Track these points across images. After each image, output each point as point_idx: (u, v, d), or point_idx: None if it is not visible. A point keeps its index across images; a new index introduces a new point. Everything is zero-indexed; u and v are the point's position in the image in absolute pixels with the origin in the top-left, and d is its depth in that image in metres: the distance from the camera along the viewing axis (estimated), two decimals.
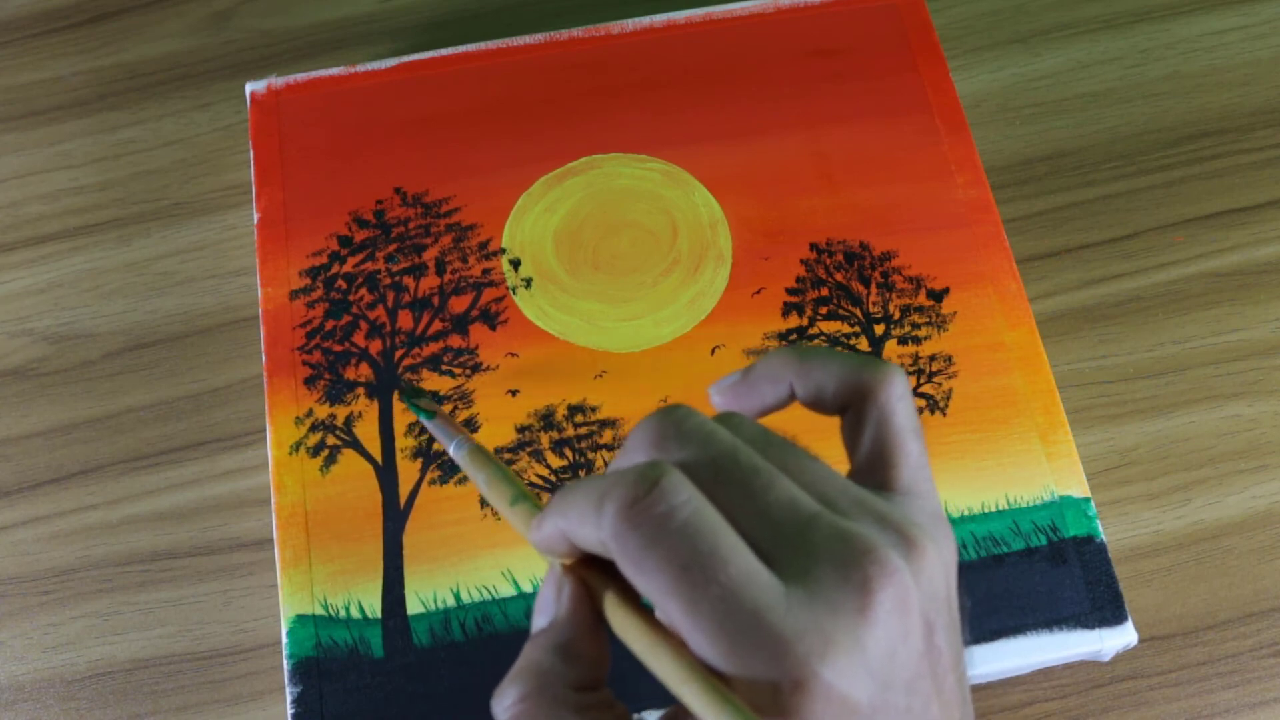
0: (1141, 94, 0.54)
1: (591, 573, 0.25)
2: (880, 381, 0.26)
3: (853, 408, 0.27)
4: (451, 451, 0.35)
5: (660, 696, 0.22)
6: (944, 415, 0.44)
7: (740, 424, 0.25)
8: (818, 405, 0.27)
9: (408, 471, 0.43)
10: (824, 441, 0.28)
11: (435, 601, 0.41)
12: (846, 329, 0.46)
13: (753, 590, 0.22)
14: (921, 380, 0.45)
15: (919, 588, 0.23)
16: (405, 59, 0.52)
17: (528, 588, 0.41)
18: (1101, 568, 0.41)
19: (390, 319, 0.46)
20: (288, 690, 0.40)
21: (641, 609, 0.24)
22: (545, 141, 0.50)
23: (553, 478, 0.43)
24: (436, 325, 0.46)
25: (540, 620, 0.25)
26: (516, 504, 0.29)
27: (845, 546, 0.22)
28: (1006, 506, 0.42)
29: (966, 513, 0.42)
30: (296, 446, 0.44)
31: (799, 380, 0.27)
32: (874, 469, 0.26)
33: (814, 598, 0.22)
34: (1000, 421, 0.44)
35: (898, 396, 0.26)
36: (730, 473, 0.23)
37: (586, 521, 0.23)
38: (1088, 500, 0.42)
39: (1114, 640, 0.40)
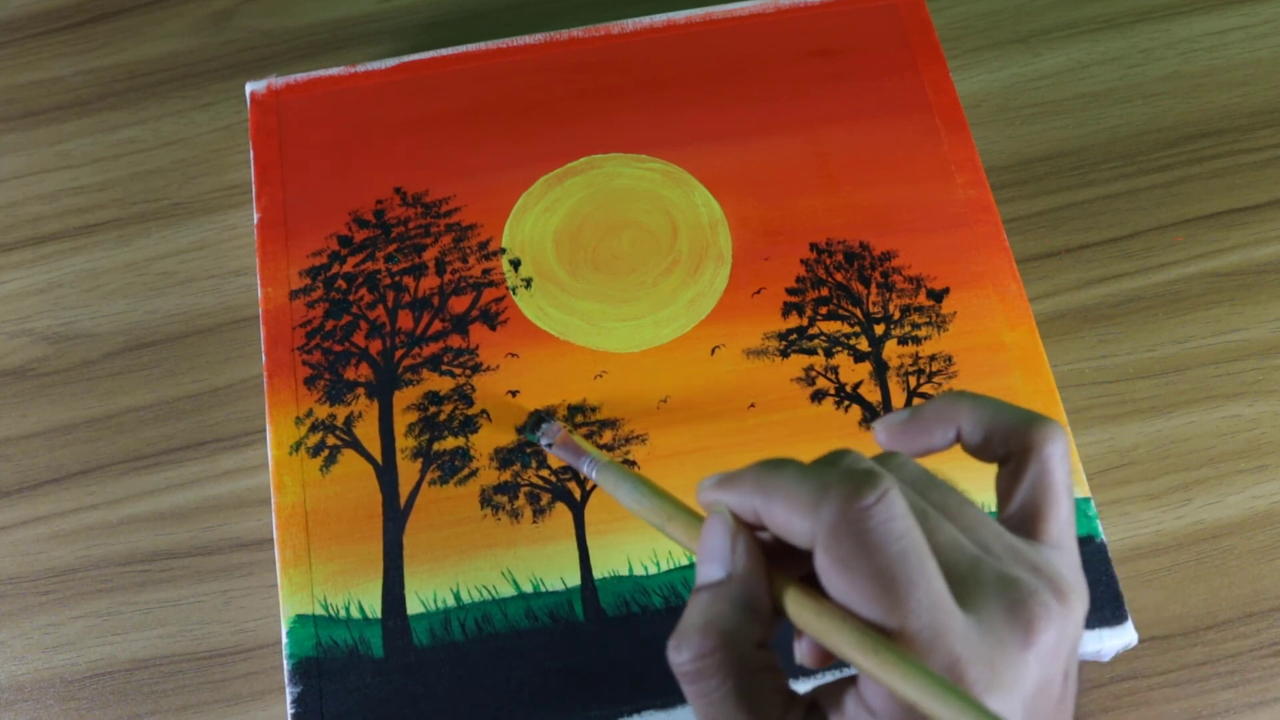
0: (1141, 94, 0.54)
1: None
2: (1046, 439, 0.27)
3: (1015, 458, 0.28)
4: (585, 469, 0.36)
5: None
6: None
7: (904, 464, 0.27)
8: (981, 452, 0.29)
9: (408, 471, 0.43)
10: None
11: (435, 601, 0.41)
12: (846, 329, 0.46)
13: (943, 612, 0.23)
14: (921, 380, 0.45)
15: (1067, 636, 0.24)
16: (405, 59, 0.52)
17: (527, 588, 0.41)
18: (1101, 568, 0.41)
19: (390, 319, 0.46)
20: (288, 690, 0.40)
21: (808, 583, 0.25)
22: (545, 141, 0.50)
23: (553, 478, 0.43)
24: (436, 325, 0.46)
25: (714, 570, 0.26)
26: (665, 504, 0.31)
27: (1010, 588, 0.24)
28: None
29: None
30: (296, 446, 0.44)
31: (971, 425, 0.28)
32: (1026, 520, 0.27)
33: (984, 630, 0.23)
34: None
35: (1060, 455, 0.27)
36: None
37: (798, 509, 0.24)
38: (1088, 500, 0.42)
39: (1114, 640, 0.40)
